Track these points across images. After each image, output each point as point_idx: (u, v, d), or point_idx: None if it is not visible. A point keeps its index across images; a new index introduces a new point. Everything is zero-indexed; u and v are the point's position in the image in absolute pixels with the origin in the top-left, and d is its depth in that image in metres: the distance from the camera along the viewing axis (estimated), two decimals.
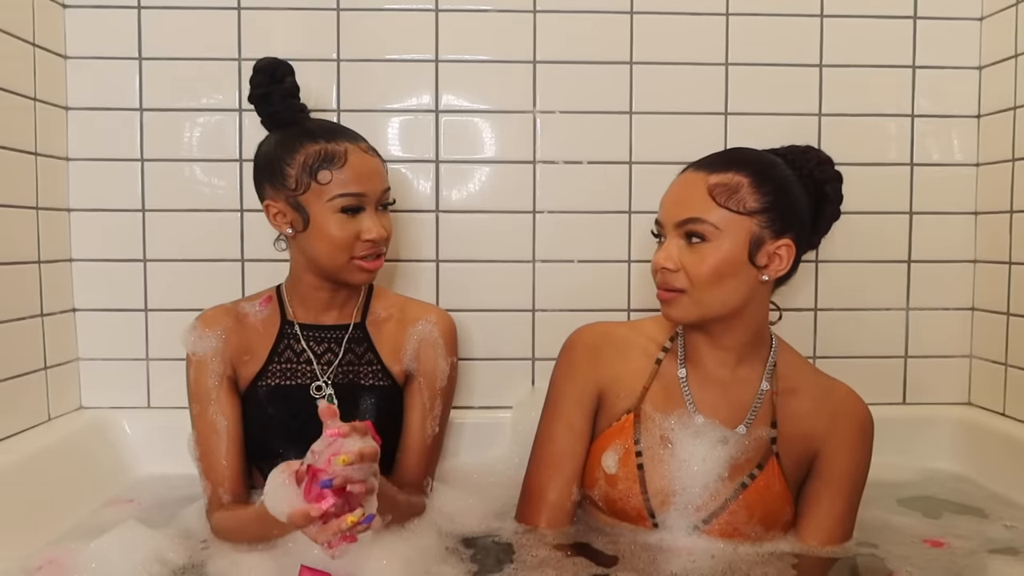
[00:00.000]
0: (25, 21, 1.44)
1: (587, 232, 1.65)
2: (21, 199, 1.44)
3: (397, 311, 1.34)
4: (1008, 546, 1.24)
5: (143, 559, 1.07)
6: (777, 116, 1.65)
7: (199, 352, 1.27)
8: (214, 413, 1.25)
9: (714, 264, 1.08)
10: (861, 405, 1.19)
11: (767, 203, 1.09)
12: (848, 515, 1.16)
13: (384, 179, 1.26)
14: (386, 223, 1.26)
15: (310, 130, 1.24)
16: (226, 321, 1.30)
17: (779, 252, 1.11)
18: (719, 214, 1.08)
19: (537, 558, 1.10)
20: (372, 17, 1.61)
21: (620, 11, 1.62)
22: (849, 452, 1.16)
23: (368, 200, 1.22)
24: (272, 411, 1.27)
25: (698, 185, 1.10)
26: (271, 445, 1.27)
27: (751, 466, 1.14)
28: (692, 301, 1.10)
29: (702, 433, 1.15)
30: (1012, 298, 1.59)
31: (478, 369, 1.65)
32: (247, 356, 1.29)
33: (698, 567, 1.08)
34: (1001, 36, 1.61)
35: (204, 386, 1.26)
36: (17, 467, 1.29)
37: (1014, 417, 1.58)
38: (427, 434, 1.29)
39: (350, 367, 1.30)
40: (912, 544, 1.22)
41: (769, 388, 1.17)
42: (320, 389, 1.28)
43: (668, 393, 1.18)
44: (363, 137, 1.27)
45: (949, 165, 1.69)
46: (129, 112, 1.60)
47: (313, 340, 1.30)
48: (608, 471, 1.15)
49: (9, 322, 1.40)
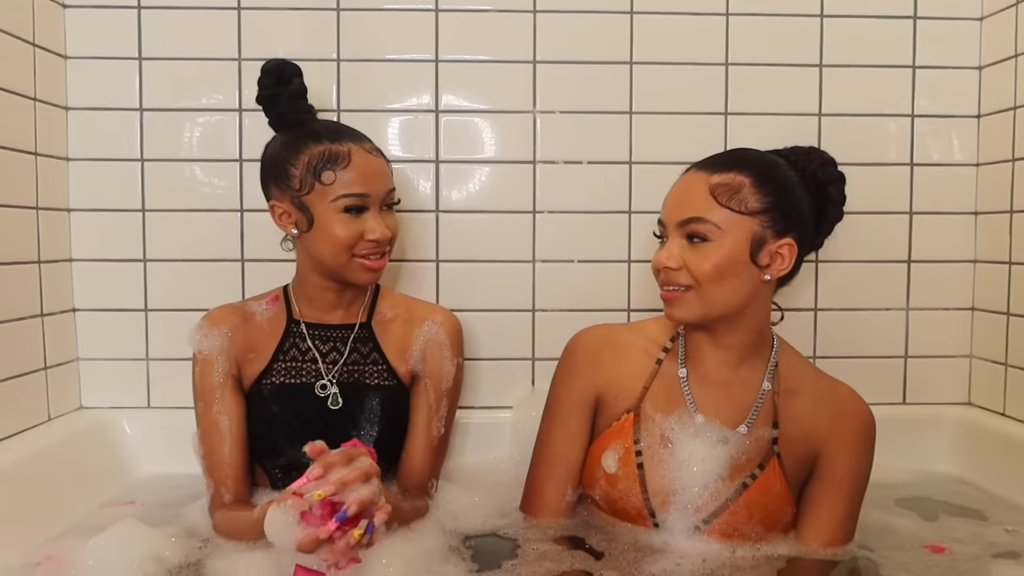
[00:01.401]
0: (25, 21, 1.44)
1: (587, 232, 1.65)
2: (21, 199, 1.44)
3: (404, 311, 1.35)
4: (1009, 550, 1.23)
5: (141, 557, 1.08)
6: (777, 116, 1.65)
7: (204, 350, 1.27)
8: (218, 412, 1.25)
9: (716, 263, 1.08)
10: (863, 407, 1.18)
11: (769, 203, 1.09)
12: (849, 517, 1.16)
13: (388, 179, 1.26)
14: (391, 223, 1.26)
15: (315, 131, 1.24)
16: (232, 319, 1.31)
17: (781, 252, 1.11)
18: (721, 214, 1.08)
19: (538, 551, 1.11)
20: (372, 17, 1.61)
21: (620, 11, 1.62)
22: (851, 454, 1.15)
23: (372, 200, 1.23)
24: (276, 409, 1.27)
25: (700, 185, 1.10)
26: (275, 443, 1.27)
27: (752, 466, 1.14)
28: (697, 298, 1.10)
29: (702, 433, 1.15)
30: (1012, 298, 1.59)
31: (478, 369, 1.65)
32: (252, 354, 1.30)
33: (694, 569, 1.08)
34: (1001, 36, 1.61)
35: (209, 384, 1.26)
36: (17, 467, 1.29)
37: (1014, 417, 1.58)
38: (432, 435, 1.30)
39: (355, 366, 1.30)
40: (911, 549, 1.22)
41: (771, 388, 1.17)
42: (325, 388, 1.28)
43: (669, 393, 1.18)
44: (368, 138, 1.28)
45: (949, 165, 1.69)
46: (129, 112, 1.60)
47: (319, 339, 1.31)
48: (608, 470, 1.16)
49: (9, 322, 1.40)
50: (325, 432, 1.21)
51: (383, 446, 1.27)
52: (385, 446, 1.28)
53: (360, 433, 1.27)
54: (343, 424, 1.27)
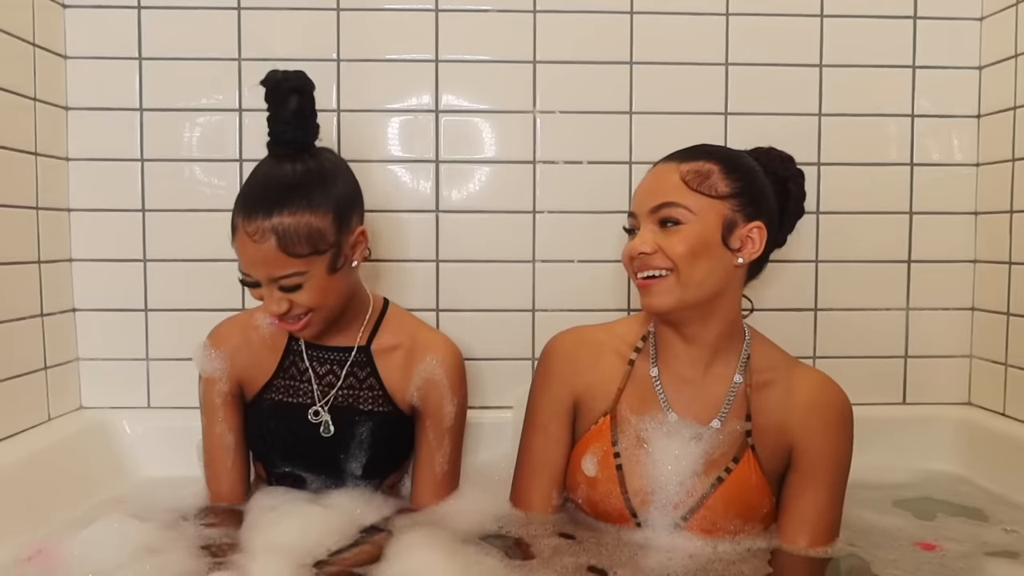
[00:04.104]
0: (25, 21, 1.44)
1: (587, 232, 1.65)
2: (21, 199, 1.44)
3: (407, 339, 1.29)
4: (1005, 549, 1.23)
5: (133, 549, 1.08)
6: (777, 116, 1.65)
7: (206, 372, 1.28)
8: (220, 430, 1.28)
9: (691, 244, 1.10)
10: (836, 393, 1.18)
11: (737, 188, 1.12)
12: (831, 507, 1.15)
13: (270, 266, 1.12)
14: (298, 298, 1.15)
15: (247, 183, 1.18)
16: (234, 339, 1.30)
17: (751, 236, 1.13)
18: (693, 198, 1.11)
19: (549, 546, 1.12)
20: (372, 17, 1.61)
21: (620, 11, 1.62)
22: (826, 440, 1.15)
23: (257, 279, 1.15)
24: (273, 425, 1.29)
25: (671, 174, 1.13)
26: (271, 456, 1.30)
27: (727, 460, 1.15)
28: (676, 282, 1.11)
29: (675, 432, 1.16)
30: (1012, 298, 1.59)
31: (479, 369, 1.65)
32: (255, 369, 1.30)
33: (678, 565, 1.08)
34: (1001, 36, 1.61)
35: (211, 403, 1.29)
36: (17, 467, 1.29)
37: (1014, 417, 1.58)
38: (436, 472, 1.29)
39: (350, 391, 1.28)
40: (901, 547, 1.21)
41: (743, 381, 1.18)
42: (318, 415, 1.27)
43: (642, 394, 1.19)
44: (277, 204, 1.12)
45: (949, 165, 1.69)
46: (129, 112, 1.60)
47: (316, 360, 1.29)
48: (588, 474, 1.17)
49: (9, 322, 1.40)
50: (316, 455, 1.26)
51: (374, 469, 1.29)
52: (376, 468, 1.29)
53: (349, 460, 1.27)
54: (334, 448, 1.28)
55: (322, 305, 1.17)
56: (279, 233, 1.10)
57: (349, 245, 1.19)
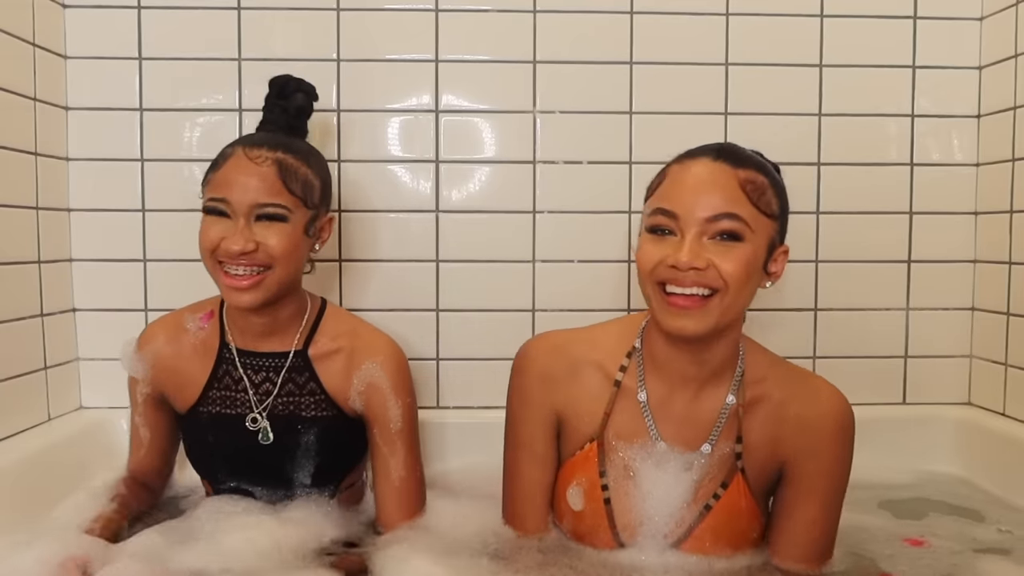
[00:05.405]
0: (25, 21, 1.44)
1: (587, 232, 1.65)
2: (21, 199, 1.44)
3: (346, 342, 1.23)
4: (997, 547, 1.23)
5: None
6: (777, 116, 1.65)
7: (129, 371, 1.28)
8: (139, 422, 1.30)
9: (747, 265, 0.97)
10: (836, 401, 1.07)
11: (781, 208, 1.03)
12: (823, 522, 1.06)
13: (258, 191, 1.11)
14: (269, 239, 1.11)
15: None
16: (159, 345, 1.26)
17: (779, 260, 1.04)
18: (752, 212, 0.97)
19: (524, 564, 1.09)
20: (372, 17, 1.61)
21: (620, 11, 1.62)
22: (821, 452, 1.05)
23: (232, 207, 1.11)
24: (212, 438, 1.24)
25: (728, 179, 0.98)
26: (214, 470, 1.26)
27: (715, 486, 1.07)
28: (719, 305, 0.98)
29: (664, 462, 1.07)
30: (1012, 298, 1.59)
31: (478, 369, 1.65)
32: (182, 379, 1.25)
33: None
34: (1001, 36, 1.61)
35: (134, 398, 1.30)
36: (17, 467, 1.29)
37: (1014, 417, 1.58)
38: (393, 480, 1.21)
39: (290, 398, 1.22)
40: (891, 542, 1.21)
41: (735, 401, 1.07)
42: (255, 422, 1.21)
43: (630, 419, 1.09)
44: (281, 145, 1.16)
45: (949, 165, 1.69)
46: (129, 112, 1.60)
47: (251, 368, 1.23)
48: (574, 508, 1.09)
49: (9, 322, 1.40)
50: (261, 465, 1.22)
51: (323, 476, 1.23)
52: (325, 475, 1.24)
53: (296, 469, 1.22)
54: (279, 457, 1.22)
55: (283, 262, 1.12)
56: (281, 163, 1.13)
57: (323, 220, 1.22)
